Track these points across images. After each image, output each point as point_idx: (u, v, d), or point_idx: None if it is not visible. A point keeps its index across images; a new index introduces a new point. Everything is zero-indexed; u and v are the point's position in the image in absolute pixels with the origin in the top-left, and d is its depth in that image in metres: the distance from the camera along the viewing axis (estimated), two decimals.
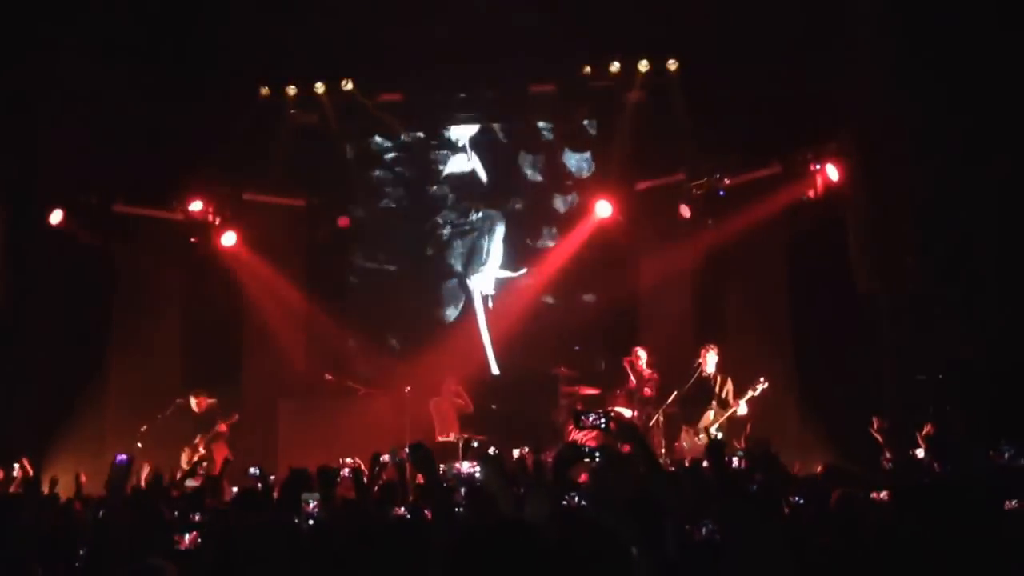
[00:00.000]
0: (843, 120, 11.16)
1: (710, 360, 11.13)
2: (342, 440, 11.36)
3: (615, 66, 12.72)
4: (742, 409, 10.81)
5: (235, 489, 7.55)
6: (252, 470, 8.32)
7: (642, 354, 11.81)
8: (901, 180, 10.00)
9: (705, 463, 7.39)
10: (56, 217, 11.98)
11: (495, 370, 13.58)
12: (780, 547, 3.43)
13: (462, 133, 14.02)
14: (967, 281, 9.83)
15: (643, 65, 12.65)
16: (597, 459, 5.46)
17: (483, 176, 13.96)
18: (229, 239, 13.03)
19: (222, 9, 12.05)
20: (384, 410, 12.58)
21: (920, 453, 7.54)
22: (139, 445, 10.90)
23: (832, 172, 11.33)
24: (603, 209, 13.10)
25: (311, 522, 5.26)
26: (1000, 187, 9.68)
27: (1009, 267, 9.59)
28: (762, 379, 10.71)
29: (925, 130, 9.96)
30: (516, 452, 9.17)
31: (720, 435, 10.68)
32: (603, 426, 4.60)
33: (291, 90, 13.15)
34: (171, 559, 4.93)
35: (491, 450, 8.56)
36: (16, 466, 8.91)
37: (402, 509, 5.63)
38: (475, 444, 9.00)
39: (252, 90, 13.02)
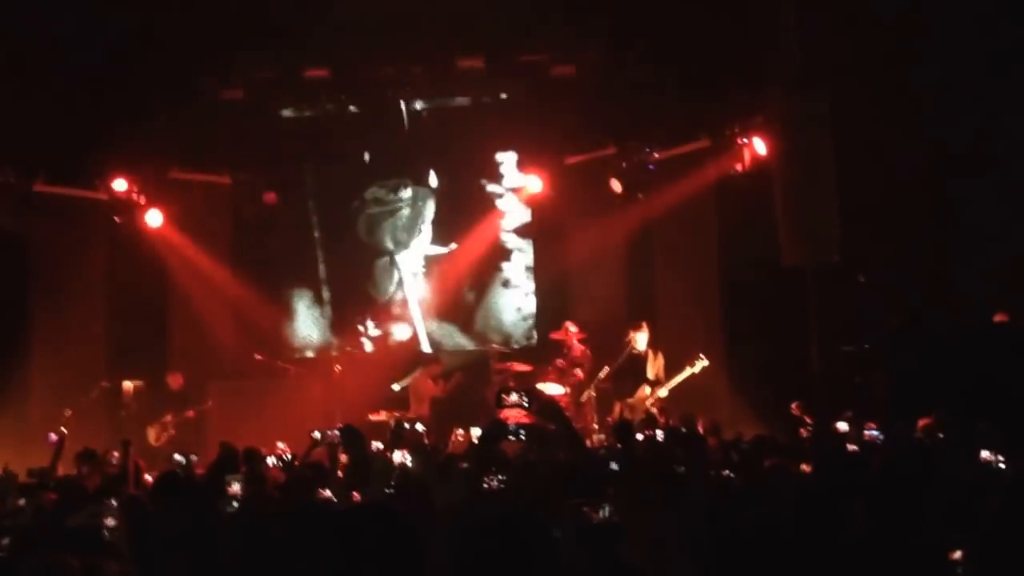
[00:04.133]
0: (769, 93, 11.22)
1: (640, 340, 11.17)
2: (274, 421, 11.22)
3: (543, 40, 12.63)
4: (663, 392, 10.86)
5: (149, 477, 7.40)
6: (178, 457, 8.16)
7: (573, 329, 11.85)
8: (825, 151, 10.11)
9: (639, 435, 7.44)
10: None
11: (426, 347, 13.50)
12: (682, 529, 3.44)
13: (390, 108, 13.79)
14: (892, 251, 10.03)
15: (572, 39, 12.58)
16: (522, 436, 5.45)
17: (411, 152, 13.75)
18: (154, 218, 12.72)
19: None
20: (315, 389, 12.51)
21: (843, 426, 7.64)
22: (63, 430, 10.63)
23: (759, 145, 11.40)
24: (533, 184, 13.08)
25: (235, 504, 5.15)
26: (925, 157, 9.88)
27: (933, 236, 9.82)
28: (701, 355, 10.75)
29: (849, 100, 10.12)
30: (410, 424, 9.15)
31: (655, 411, 10.75)
32: (525, 404, 4.60)
33: (215, 65, 12.81)
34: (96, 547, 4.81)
35: (407, 425, 8.53)
36: None
37: (328, 492, 5.55)
38: (406, 425, 8.96)
39: (176, 65, 12.64)
